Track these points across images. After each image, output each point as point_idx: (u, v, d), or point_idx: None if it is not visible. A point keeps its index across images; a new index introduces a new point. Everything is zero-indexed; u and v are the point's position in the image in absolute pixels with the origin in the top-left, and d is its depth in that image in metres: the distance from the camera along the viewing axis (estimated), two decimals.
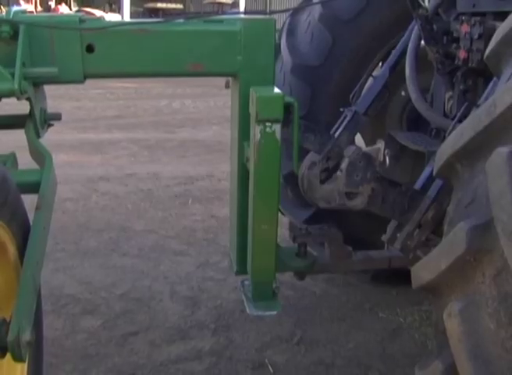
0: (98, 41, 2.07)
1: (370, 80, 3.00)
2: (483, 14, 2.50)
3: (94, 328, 3.18)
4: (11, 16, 2.00)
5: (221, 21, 2.21)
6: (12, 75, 1.91)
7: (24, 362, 1.68)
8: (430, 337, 3.09)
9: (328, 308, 3.46)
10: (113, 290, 3.62)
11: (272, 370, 2.86)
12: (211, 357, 2.96)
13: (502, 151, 1.24)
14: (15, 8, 2.08)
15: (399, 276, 2.95)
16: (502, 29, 1.58)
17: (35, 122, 2.12)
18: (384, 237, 2.25)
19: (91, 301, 3.48)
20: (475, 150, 1.41)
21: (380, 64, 3.20)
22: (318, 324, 3.29)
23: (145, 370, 2.84)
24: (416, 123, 3.22)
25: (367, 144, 3.55)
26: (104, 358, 2.92)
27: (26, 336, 1.58)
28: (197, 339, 3.11)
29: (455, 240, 1.33)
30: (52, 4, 26.71)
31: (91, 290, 3.61)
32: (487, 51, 1.65)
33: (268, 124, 2.05)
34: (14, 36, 1.97)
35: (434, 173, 1.62)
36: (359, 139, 3.31)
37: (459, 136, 1.46)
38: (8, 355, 1.59)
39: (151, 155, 7.16)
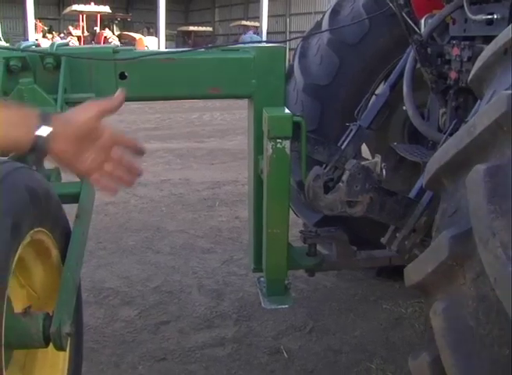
0: (130, 69, 2.10)
1: (373, 98, 3.00)
2: (473, 38, 2.49)
3: (131, 317, 3.22)
4: (54, 49, 2.04)
5: (237, 49, 2.23)
6: (55, 100, 1.96)
7: (65, 350, 1.72)
8: None
9: (338, 301, 3.46)
10: (148, 283, 3.66)
11: (286, 356, 2.86)
12: (233, 343, 2.97)
13: (480, 168, 1.24)
14: (58, 41, 2.13)
15: (401, 272, 2.90)
16: (483, 56, 1.58)
17: None
18: (383, 240, 2.25)
19: (129, 293, 3.52)
20: (458, 166, 1.41)
21: (383, 83, 3.19)
22: (328, 315, 3.29)
23: (175, 355, 2.86)
24: (416, 135, 3.21)
25: (372, 154, 3.54)
26: (139, 344, 2.95)
27: (66, 328, 1.61)
28: (220, 327, 3.13)
29: (439, 246, 1.33)
30: (97, 29, 27.00)
31: (129, 283, 3.65)
32: (470, 75, 1.64)
33: (278, 140, 2.06)
34: (57, 66, 2.01)
35: (423, 185, 1.61)
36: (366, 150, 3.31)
37: (444, 152, 1.46)
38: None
39: (183, 163, 7.21)
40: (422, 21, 2.71)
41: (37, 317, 1.61)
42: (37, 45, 2.26)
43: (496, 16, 2.27)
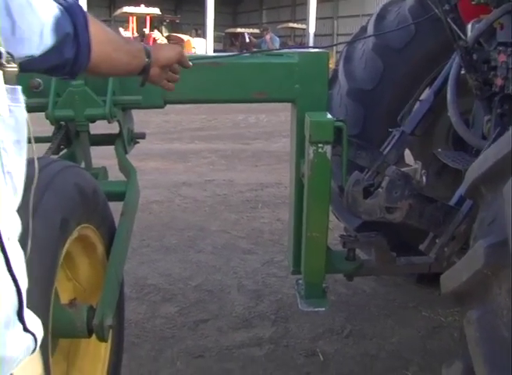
0: None
1: (417, 104, 2.98)
2: None
3: (171, 314, 3.29)
4: None
5: (281, 54, 2.26)
6: (104, 102, 2.03)
7: (106, 342, 1.79)
8: None
9: (376, 306, 3.45)
10: (189, 282, 3.73)
11: (322, 358, 2.88)
12: (270, 344, 3.00)
13: None
14: None
15: None
16: None
17: (123, 140, 2.23)
18: (421, 247, 2.24)
19: (170, 290, 3.59)
20: (497, 175, 1.40)
21: (427, 89, 3.16)
22: (366, 319, 3.28)
23: (213, 353, 2.92)
24: (461, 141, 3.17)
25: (415, 160, 3.51)
26: (178, 341, 3.01)
27: (108, 321, 1.68)
28: (258, 328, 3.17)
29: (475, 255, 1.33)
30: (146, 30, 27.43)
31: (170, 281, 3.73)
32: None
33: (320, 145, 2.08)
34: None
35: (462, 193, 1.61)
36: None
37: (483, 161, 1.46)
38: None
39: (227, 164, 7.27)
40: (469, 26, 2.67)
41: (82, 309, 1.68)
42: None
43: None
